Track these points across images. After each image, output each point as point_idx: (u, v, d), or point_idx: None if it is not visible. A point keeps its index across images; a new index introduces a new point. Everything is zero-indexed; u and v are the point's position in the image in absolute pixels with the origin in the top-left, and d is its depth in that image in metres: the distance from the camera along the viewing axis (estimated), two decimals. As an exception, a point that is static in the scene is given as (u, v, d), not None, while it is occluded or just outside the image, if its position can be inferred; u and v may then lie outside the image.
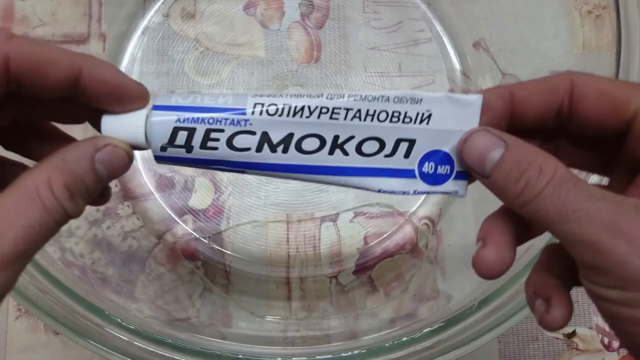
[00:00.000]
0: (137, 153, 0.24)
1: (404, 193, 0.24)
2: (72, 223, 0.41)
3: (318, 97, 0.23)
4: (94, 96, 0.22)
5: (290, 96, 0.23)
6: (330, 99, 0.23)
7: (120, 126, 0.23)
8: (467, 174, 0.24)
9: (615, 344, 0.45)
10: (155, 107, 0.23)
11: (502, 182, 0.21)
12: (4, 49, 0.20)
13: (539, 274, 0.23)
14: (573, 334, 0.45)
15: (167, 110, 0.23)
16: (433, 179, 0.24)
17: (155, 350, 0.32)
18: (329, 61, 0.48)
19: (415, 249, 0.46)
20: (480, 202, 0.44)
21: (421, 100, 0.23)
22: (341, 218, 0.46)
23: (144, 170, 0.46)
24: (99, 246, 0.42)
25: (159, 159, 0.23)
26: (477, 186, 0.24)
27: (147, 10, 0.49)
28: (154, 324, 0.36)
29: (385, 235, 0.46)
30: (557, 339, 0.45)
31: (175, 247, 0.45)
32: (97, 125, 0.23)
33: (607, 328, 0.45)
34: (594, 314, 0.45)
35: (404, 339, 0.33)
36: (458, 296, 0.37)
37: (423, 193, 0.25)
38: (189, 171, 0.46)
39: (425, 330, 0.33)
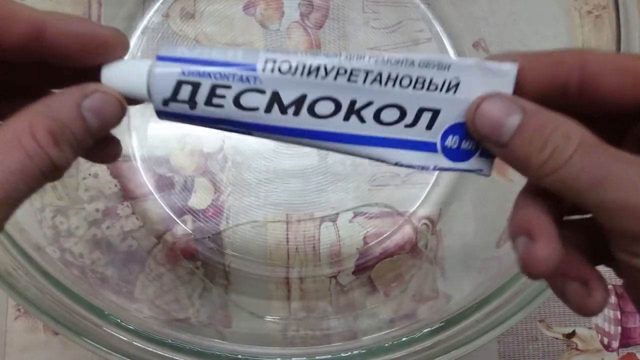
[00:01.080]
0: (136, 154, 0.24)
1: (423, 168, 0.23)
2: (72, 223, 0.41)
3: (336, 56, 0.21)
4: (66, 52, 0.21)
5: (306, 54, 0.21)
6: (350, 59, 0.21)
7: (121, 77, 0.22)
8: None
9: (615, 344, 0.45)
10: (159, 58, 0.21)
11: (524, 151, 0.19)
12: None
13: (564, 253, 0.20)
14: (573, 334, 0.45)
15: (171, 61, 0.21)
16: (456, 155, 0.22)
17: (154, 351, 0.32)
18: (328, 61, 0.48)
19: (415, 249, 0.46)
20: (480, 202, 0.44)
21: (449, 66, 0.21)
22: (341, 218, 0.46)
23: (143, 170, 0.46)
24: (99, 246, 0.42)
25: (160, 114, 0.22)
26: (476, 186, 0.24)
27: (147, 10, 0.49)
28: (153, 324, 0.36)
29: (384, 236, 0.46)
30: (557, 339, 0.45)
31: (175, 247, 0.45)
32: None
33: (606, 328, 0.45)
34: (593, 314, 0.45)
35: (404, 339, 0.33)
36: (458, 296, 0.37)
37: (444, 169, 0.23)
38: (188, 171, 0.46)
39: (425, 330, 0.33)
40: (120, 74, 0.22)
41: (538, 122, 0.19)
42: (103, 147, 0.24)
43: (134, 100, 0.22)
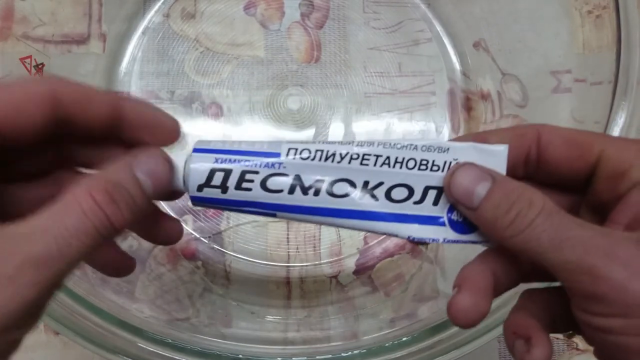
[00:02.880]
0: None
1: (434, 240, 0.25)
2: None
3: (349, 143, 0.24)
4: (133, 129, 0.23)
5: (322, 142, 0.24)
6: (361, 146, 0.24)
7: None
8: None
9: (615, 344, 0.45)
10: (195, 150, 0.24)
11: (491, 214, 0.21)
12: (51, 83, 0.21)
13: (518, 316, 0.23)
14: (573, 334, 0.45)
15: (205, 152, 0.24)
16: (461, 228, 0.24)
17: (155, 351, 0.32)
18: (329, 61, 0.48)
19: (415, 249, 0.46)
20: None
21: (448, 149, 0.24)
22: (341, 218, 0.46)
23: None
24: (99, 246, 0.42)
25: (195, 200, 0.24)
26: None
27: (147, 10, 0.49)
28: (154, 324, 0.36)
29: (385, 235, 0.46)
30: (557, 339, 0.45)
31: (176, 247, 0.45)
32: None
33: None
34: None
35: (404, 339, 0.33)
36: (458, 296, 0.37)
37: (452, 242, 0.25)
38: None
39: (425, 330, 0.33)
40: None
41: (505, 189, 0.22)
42: (161, 224, 0.26)
43: (173, 189, 0.24)
